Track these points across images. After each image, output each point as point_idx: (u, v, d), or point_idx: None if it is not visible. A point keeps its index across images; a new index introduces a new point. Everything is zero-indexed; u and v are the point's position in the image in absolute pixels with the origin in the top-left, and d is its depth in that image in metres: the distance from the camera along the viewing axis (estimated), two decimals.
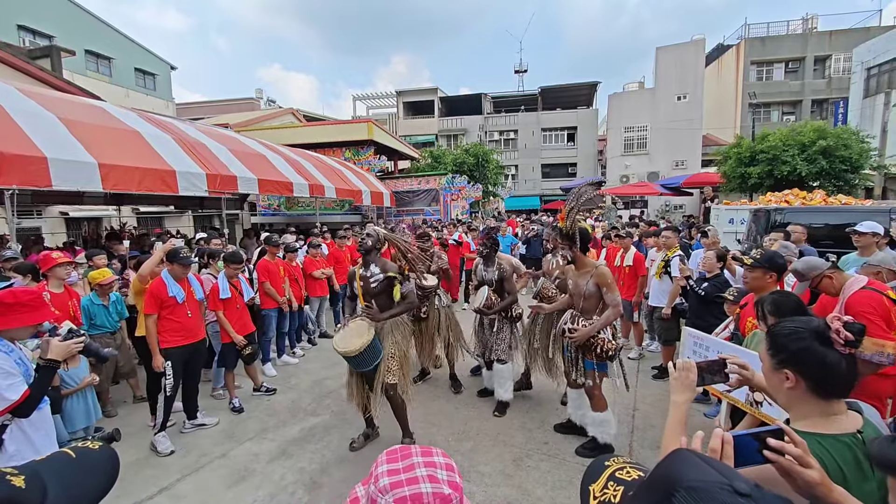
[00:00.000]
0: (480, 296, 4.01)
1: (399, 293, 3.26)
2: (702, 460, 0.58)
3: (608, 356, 3.16)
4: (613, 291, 3.11)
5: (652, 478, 0.62)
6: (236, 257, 4.34)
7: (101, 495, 0.75)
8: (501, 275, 4.00)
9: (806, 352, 1.11)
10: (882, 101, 15.51)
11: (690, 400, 1.26)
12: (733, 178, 14.44)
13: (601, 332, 3.16)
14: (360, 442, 3.49)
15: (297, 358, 5.63)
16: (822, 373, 1.09)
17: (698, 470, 0.56)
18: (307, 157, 10.09)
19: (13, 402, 1.87)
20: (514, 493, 2.89)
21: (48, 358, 2.02)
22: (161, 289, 3.48)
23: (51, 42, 16.12)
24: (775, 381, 1.18)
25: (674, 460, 0.60)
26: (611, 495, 0.67)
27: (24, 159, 4.21)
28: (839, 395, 1.12)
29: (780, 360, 1.15)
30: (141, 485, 3.06)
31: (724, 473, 0.54)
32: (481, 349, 4.21)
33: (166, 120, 7.55)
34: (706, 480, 0.53)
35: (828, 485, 0.90)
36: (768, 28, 24.28)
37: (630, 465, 0.72)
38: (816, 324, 1.14)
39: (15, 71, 9.30)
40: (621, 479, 0.68)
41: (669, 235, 4.93)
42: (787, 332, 1.16)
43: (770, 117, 23.62)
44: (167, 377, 3.44)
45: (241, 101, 30.20)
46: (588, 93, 30.64)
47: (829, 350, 1.09)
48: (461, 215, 15.18)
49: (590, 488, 0.71)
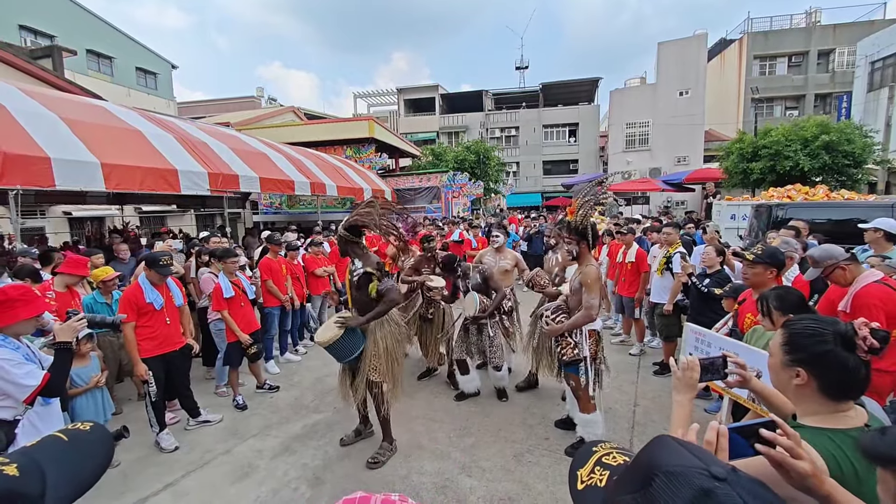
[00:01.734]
0: (472, 303, 3.96)
1: (374, 290, 3.13)
2: (681, 446, 0.59)
3: (572, 360, 3.12)
4: (591, 293, 3.00)
5: (634, 462, 0.64)
6: (230, 252, 4.36)
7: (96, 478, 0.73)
8: (484, 274, 4.05)
9: (828, 355, 1.08)
10: (886, 95, 15.42)
11: (693, 398, 1.25)
12: (735, 173, 14.39)
13: (571, 335, 3.13)
14: (349, 438, 3.51)
15: (300, 355, 5.67)
16: (840, 377, 1.07)
17: (677, 455, 0.57)
18: (308, 156, 10.12)
19: (36, 387, 1.94)
20: (515, 487, 2.91)
21: (58, 341, 2.06)
22: (137, 295, 3.38)
23: (52, 42, 16.17)
24: (784, 377, 1.16)
25: (655, 446, 0.62)
26: (597, 479, 0.68)
27: (27, 159, 4.24)
28: (853, 397, 1.11)
29: (795, 359, 1.13)
30: (145, 481, 3.10)
31: (702, 458, 0.55)
32: (461, 353, 4.15)
33: (168, 119, 7.58)
34: (684, 465, 0.54)
35: (820, 476, 0.90)
36: (771, 22, 24.17)
37: (617, 450, 0.74)
38: (842, 328, 1.11)
39: (17, 71, 9.34)
40: (607, 464, 0.70)
41: (670, 232, 4.92)
42: (810, 333, 1.12)
43: (773, 112, 23.50)
44: (150, 385, 3.40)
45: (242, 100, 30.25)
46: (589, 89, 30.54)
47: (850, 355, 1.07)
48: (463, 212, 15.18)
49: (578, 472, 0.72)
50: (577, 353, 3.10)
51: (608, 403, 4.02)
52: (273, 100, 32.71)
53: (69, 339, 2.08)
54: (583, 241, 3.09)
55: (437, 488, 2.93)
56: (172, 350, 3.60)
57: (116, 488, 3.03)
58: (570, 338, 3.14)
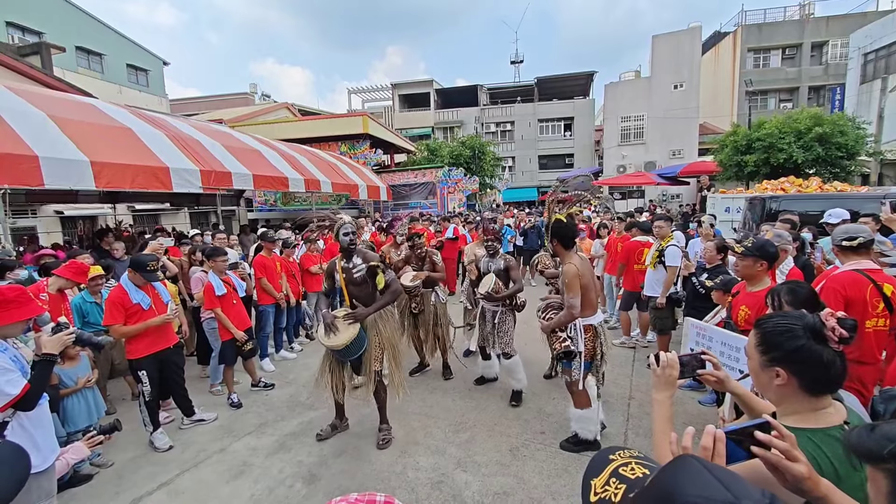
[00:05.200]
0: (487, 282, 4.02)
1: (383, 281, 3.29)
2: (707, 470, 0.54)
3: (564, 354, 3.15)
4: (570, 292, 3.02)
5: (653, 486, 0.59)
6: (219, 251, 4.33)
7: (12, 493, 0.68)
8: (507, 264, 4.10)
9: (801, 350, 1.08)
10: (878, 87, 15.47)
11: (672, 396, 1.25)
12: (730, 166, 14.45)
13: (564, 330, 3.16)
14: (326, 432, 3.54)
15: (295, 353, 5.66)
16: (817, 371, 1.07)
17: (702, 483, 0.51)
18: (302, 152, 10.04)
19: (14, 397, 1.89)
20: (511, 481, 2.92)
21: (43, 353, 2.03)
22: (122, 297, 3.34)
23: (40, 39, 15.94)
24: (764, 379, 1.16)
25: (676, 469, 0.56)
26: (611, 493, 0.64)
27: (14, 158, 4.18)
28: (831, 391, 1.10)
29: (771, 358, 1.13)
30: (140, 480, 3.09)
31: (732, 489, 0.50)
32: (482, 341, 4.22)
33: (159, 116, 7.50)
34: (710, 498, 0.49)
35: (815, 479, 0.89)
36: (765, 14, 24.13)
37: (636, 460, 0.69)
38: (810, 320, 1.11)
39: (4, 69, 9.20)
40: (624, 477, 0.66)
41: (662, 225, 4.93)
42: (782, 330, 1.12)
43: (767, 105, 23.54)
44: (143, 384, 3.39)
45: (235, 97, 29.96)
46: (584, 83, 30.45)
47: (824, 348, 1.07)
48: (458, 208, 15.15)
49: (591, 482, 0.68)
50: (567, 346, 3.11)
51: (603, 397, 4.02)
52: (266, 96, 32.46)
53: (55, 351, 2.05)
54: (554, 239, 3.10)
55: (433, 483, 2.94)
56: (166, 347, 3.58)
57: (111, 488, 3.02)
58: (562, 333, 3.16)
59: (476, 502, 2.75)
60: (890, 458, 0.68)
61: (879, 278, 2.49)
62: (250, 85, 32.73)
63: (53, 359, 2.06)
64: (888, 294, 2.43)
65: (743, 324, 2.71)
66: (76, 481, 3.03)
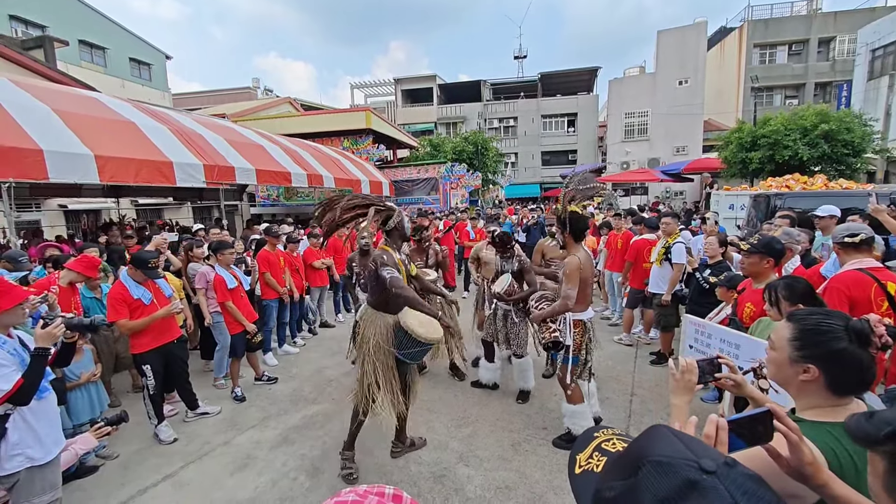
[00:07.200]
0: (503, 282, 3.99)
1: (414, 270, 3.35)
2: (674, 436, 0.58)
3: (552, 344, 3.16)
4: (569, 283, 3.03)
5: (626, 450, 0.64)
6: (225, 244, 4.34)
7: None
8: (522, 266, 4.05)
9: (842, 352, 1.05)
10: (886, 84, 15.32)
11: (689, 402, 1.24)
12: (734, 163, 14.34)
13: (554, 321, 3.17)
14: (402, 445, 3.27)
15: (298, 347, 5.68)
16: (852, 374, 1.05)
17: (668, 445, 0.56)
18: (305, 147, 10.03)
19: (7, 392, 1.89)
20: (513, 476, 2.94)
21: (36, 347, 2.04)
22: (123, 293, 3.32)
23: (43, 32, 15.91)
24: (789, 372, 1.13)
25: (648, 435, 0.61)
26: (594, 465, 0.69)
27: (19, 152, 4.19)
28: (858, 393, 1.09)
29: (805, 355, 1.10)
30: (145, 472, 3.12)
31: (694, 450, 0.54)
32: (492, 338, 4.16)
33: (162, 111, 7.50)
34: (672, 455, 0.54)
35: (817, 464, 0.90)
36: (772, 10, 23.87)
37: (617, 436, 0.74)
38: (857, 324, 1.08)
39: (7, 62, 9.19)
40: (606, 450, 0.70)
41: (669, 222, 4.91)
42: (825, 329, 1.09)
43: (773, 101, 23.35)
44: (147, 378, 3.41)
45: (239, 91, 29.95)
46: (588, 78, 30.28)
47: (864, 352, 1.05)
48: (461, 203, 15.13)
49: (576, 457, 0.73)
50: (556, 336, 3.13)
51: (605, 393, 4.04)
52: (269, 91, 32.40)
53: (47, 345, 2.05)
54: (565, 230, 3.11)
55: (435, 477, 2.95)
56: (170, 341, 3.60)
57: (116, 479, 3.05)
58: (552, 324, 3.18)
59: (478, 496, 2.76)
60: (886, 440, 0.70)
61: (883, 277, 2.47)
62: (253, 80, 32.67)
63: (46, 353, 2.06)
64: (892, 293, 2.41)
65: (748, 321, 2.70)
66: (82, 473, 3.07)
